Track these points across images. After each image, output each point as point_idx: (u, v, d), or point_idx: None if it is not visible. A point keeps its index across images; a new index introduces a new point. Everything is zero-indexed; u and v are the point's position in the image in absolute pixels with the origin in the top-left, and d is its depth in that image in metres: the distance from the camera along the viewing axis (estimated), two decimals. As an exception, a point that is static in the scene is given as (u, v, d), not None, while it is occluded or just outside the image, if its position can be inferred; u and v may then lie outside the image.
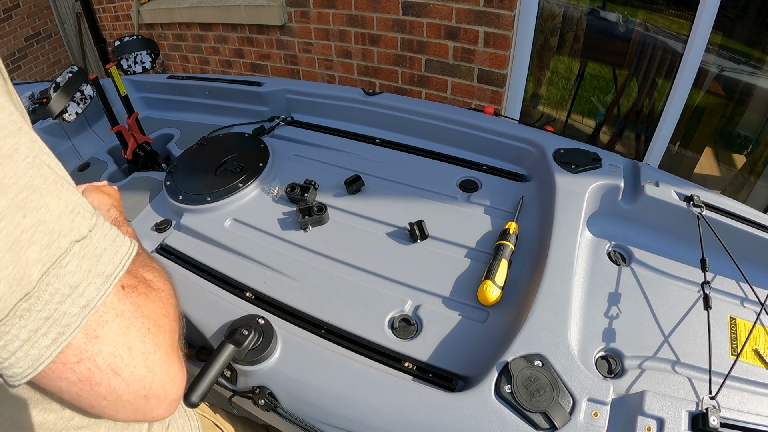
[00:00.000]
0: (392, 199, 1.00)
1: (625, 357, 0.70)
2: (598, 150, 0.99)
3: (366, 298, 0.80)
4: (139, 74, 1.32)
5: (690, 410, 0.57)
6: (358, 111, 1.25)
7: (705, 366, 0.66)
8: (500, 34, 1.92)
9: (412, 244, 0.90)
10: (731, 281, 0.81)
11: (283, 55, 2.77)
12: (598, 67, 2.36)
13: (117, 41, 1.25)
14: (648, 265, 0.84)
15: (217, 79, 1.44)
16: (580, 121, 2.49)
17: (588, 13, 2.18)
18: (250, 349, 0.66)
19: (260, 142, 1.17)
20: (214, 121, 1.40)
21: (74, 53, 4.58)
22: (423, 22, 2.08)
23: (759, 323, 0.73)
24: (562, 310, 0.69)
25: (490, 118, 1.15)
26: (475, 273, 0.83)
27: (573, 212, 0.86)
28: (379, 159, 1.13)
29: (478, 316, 0.76)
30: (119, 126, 1.24)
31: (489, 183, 1.03)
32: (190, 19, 3.04)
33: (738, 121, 2.06)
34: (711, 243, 0.80)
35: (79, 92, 1.10)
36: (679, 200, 0.86)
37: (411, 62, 2.26)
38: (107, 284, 0.35)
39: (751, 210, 0.86)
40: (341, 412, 0.62)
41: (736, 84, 1.94)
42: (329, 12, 2.36)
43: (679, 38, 1.87)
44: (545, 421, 0.57)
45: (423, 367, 0.70)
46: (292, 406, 0.65)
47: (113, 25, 3.77)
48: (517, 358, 0.63)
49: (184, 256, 0.92)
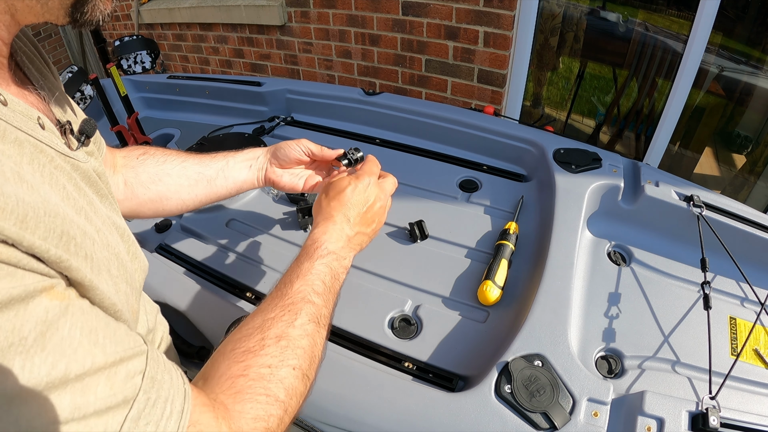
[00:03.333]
0: (392, 199, 1.00)
1: (625, 357, 0.70)
2: (598, 150, 0.99)
3: (366, 298, 0.80)
4: (139, 74, 1.32)
5: (690, 410, 0.57)
6: (358, 111, 1.25)
7: (705, 366, 0.66)
8: (500, 34, 1.92)
9: (412, 244, 0.90)
10: (731, 281, 0.81)
11: (283, 55, 2.77)
12: (598, 67, 2.36)
13: (117, 41, 1.25)
14: (648, 265, 0.84)
15: (217, 79, 1.44)
16: (580, 121, 2.49)
17: (588, 13, 2.18)
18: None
19: (260, 142, 1.17)
20: (214, 121, 1.40)
21: (74, 53, 4.58)
22: (423, 22, 2.08)
23: (759, 323, 0.73)
24: (562, 310, 0.69)
25: (490, 118, 1.15)
26: (475, 273, 0.83)
27: (573, 212, 0.86)
28: (379, 159, 1.12)
29: (478, 316, 0.76)
30: (119, 126, 1.24)
31: (489, 183, 1.03)
32: (190, 19, 3.04)
33: (738, 121, 2.06)
34: (711, 243, 0.80)
35: (79, 92, 1.10)
36: (679, 200, 0.86)
37: (411, 62, 2.26)
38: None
39: (751, 210, 0.86)
40: (341, 412, 0.62)
41: (736, 84, 1.94)
42: (329, 12, 2.36)
43: (679, 38, 1.88)
44: (545, 421, 0.57)
45: (423, 367, 0.70)
46: (292, 406, 0.65)
47: (113, 25, 3.77)
48: (517, 358, 0.63)
49: (184, 256, 0.92)
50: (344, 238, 0.60)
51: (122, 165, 0.69)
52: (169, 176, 0.71)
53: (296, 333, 0.45)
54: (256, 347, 0.42)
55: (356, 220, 0.62)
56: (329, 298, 0.53)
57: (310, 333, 0.47)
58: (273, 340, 0.43)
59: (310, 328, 0.47)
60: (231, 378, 0.39)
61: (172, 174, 0.71)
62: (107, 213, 0.42)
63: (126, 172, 0.69)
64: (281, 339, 0.44)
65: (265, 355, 0.42)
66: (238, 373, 0.40)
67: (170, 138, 1.38)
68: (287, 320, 0.46)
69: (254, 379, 0.39)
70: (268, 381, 0.40)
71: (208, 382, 0.40)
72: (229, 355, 0.42)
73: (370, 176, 0.66)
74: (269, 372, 0.41)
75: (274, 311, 0.47)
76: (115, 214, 0.46)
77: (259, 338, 0.43)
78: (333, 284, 0.55)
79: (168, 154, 0.73)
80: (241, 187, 0.76)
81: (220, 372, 0.40)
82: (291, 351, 0.43)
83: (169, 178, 0.71)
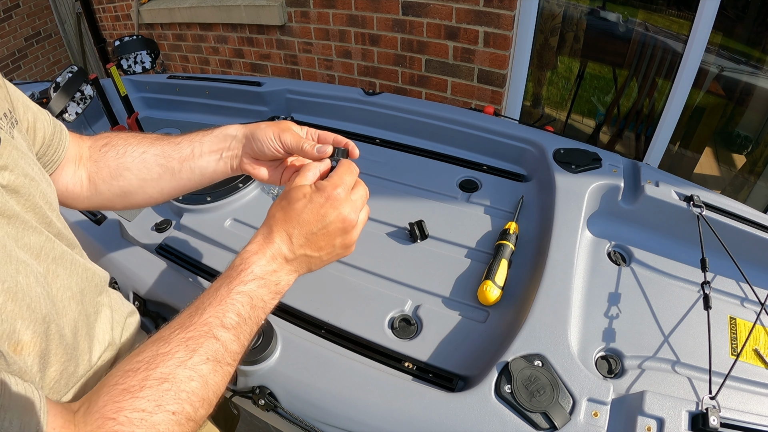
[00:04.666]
0: (392, 199, 1.00)
1: (625, 357, 0.70)
2: (598, 150, 0.99)
3: (366, 298, 0.80)
4: (139, 74, 1.32)
5: (690, 410, 0.57)
6: (358, 111, 1.25)
7: (705, 366, 0.66)
8: (500, 34, 1.92)
9: (412, 244, 0.90)
10: (731, 281, 0.81)
11: (283, 55, 2.77)
12: (598, 67, 2.36)
13: (117, 41, 1.25)
14: (648, 265, 0.84)
15: (217, 79, 1.44)
16: (580, 121, 2.49)
17: (588, 13, 2.18)
18: (250, 348, 0.66)
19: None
20: (214, 121, 1.40)
21: (74, 53, 4.58)
22: (423, 22, 2.08)
23: (759, 323, 0.73)
24: (562, 310, 0.69)
25: (490, 118, 1.15)
26: (475, 273, 0.83)
27: (573, 212, 0.86)
28: (379, 159, 1.13)
29: (478, 316, 0.76)
30: (119, 126, 1.24)
31: (489, 183, 1.03)
32: (190, 19, 3.04)
33: (738, 121, 2.06)
34: (711, 243, 0.80)
35: (79, 92, 1.10)
36: (679, 200, 0.86)
37: (411, 62, 2.26)
38: None
39: (751, 210, 0.86)
40: (341, 412, 0.62)
41: (736, 84, 1.94)
42: (329, 12, 2.36)
43: (679, 38, 1.87)
44: (545, 421, 0.57)
45: (423, 367, 0.70)
46: (293, 406, 0.65)
47: (113, 25, 3.77)
48: (517, 358, 0.63)
49: (183, 256, 0.92)
50: (279, 261, 0.53)
51: (87, 157, 0.65)
52: (130, 171, 0.65)
53: (185, 374, 0.42)
54: (135, 387, 0.40)
55: (301, 241, 0.54)
56: (243, 330, 0.49)
57: (204, 374, 0.44)
58: (156, 381, 0.41)
59: (204, 368, 0.44)
60: (103, 418, 0.38)
61: (132, 168, 0.65)
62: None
63: (90, 165, 0.65)
64: (165, 381, 0.41)
65: (141, 398, 0.40)
66: (109, 414, 0.38)
67: (170, 138, 1.38)
68: (180, 358, 0.43)
69: (123, 423, 0.38)
70: (137, 427, 0.38)
71: (87, 412, 0.39)
72: (110, 389, 0.40)
73: (336, 188, 0.54)
74: (140, 417, 0.39)
75: (170, 344, 0.44)
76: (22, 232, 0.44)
77: (142, 377, 0.41)
78: (253, 314, 0.50)
79: (128, 143, 0.66)
80: (212, 178, 0.68)
81: (97, 406, 0.39)
82: (173, 395, 0.41)
83: (130, 173, 0.65)
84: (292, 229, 0.54)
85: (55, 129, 0.60)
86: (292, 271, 0.55)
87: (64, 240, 0.52)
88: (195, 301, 0.50)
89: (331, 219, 0.54)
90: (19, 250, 0.43)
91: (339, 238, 0.55)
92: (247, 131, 0.65)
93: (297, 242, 0.54)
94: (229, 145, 0.66)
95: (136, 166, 0.65)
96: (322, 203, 0.53)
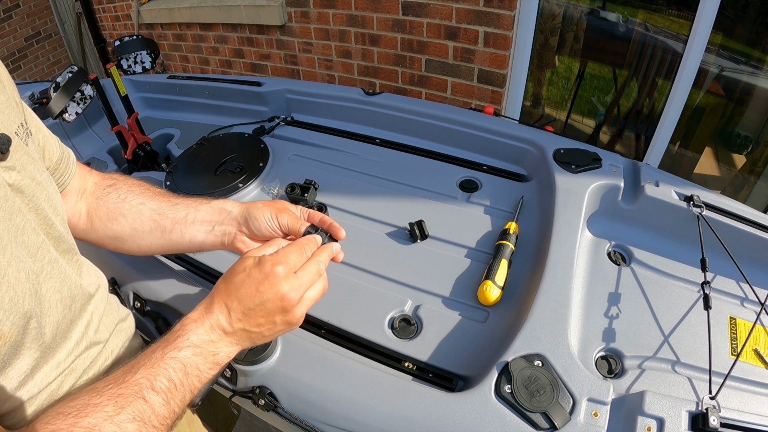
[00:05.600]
0: (392, 199, 1.00)
1: (625, 357, 0.70)
2: (598, 150, 0.99)
3: (366, 298, 0.80)
4: (139, 74, 1.32)
5: (690, 410, 0.57)
6: (358, 111, 1.25)
7: (705, 366, 0.66)
8: (500, 34, 1.92)
9: (412, 244, 0.90)
10: (731, 281, 0.81)
11: (283, 55, 2.77)
12: (598, 67, 2.36)
13: (117, 41, 1.25)
14: (648, 265, 0.84)
15: (217, 79, 1.44)
16: (580, 121, 2.49)
17: (588, 13, 2.18)
18: (250, 349, 0.66)
19: (260, 142, 1.17)
20: (214, 121, 1.40)
21: (74, 53, 4.58)
22: (423, 22, 2.08)
23: (759, 323, 0.73)
24: (562, 310, 0.69)
25: (490, 118, 1.15)
26: (475, 273, 0.83)
27: (573, 212, 0.86)
28: (379, 159, 1.13)
29: (478, 316, 0.76)
30: (119, 126, 1.24)
31: (489, 183, 1.03)
32: (190, 19, 3.04)
33: (738, 121, 2.06)
34: (711, 243, 0.80)
35: (79, 92, 1.10)
36: (679, 200, 0.86)
37: (411, 62, 2.26)
38: None
39: (751, 210, 0.86)
40: (341, 412, 0.62)
41: (736, 84, 1.94)
42: (329, 12, 2.36)
43: (679, 38, 1.87)
44: (545, 421, 0.57)
45: (423, 367, 0.70)
46: (293, 406, 0.65)
47: (113, 25, 3.78)
48: (517, 358, 0.63)
49: (184, 256, 0.92)
50: (218, 332, 0.53)
51: (91, 192, 0.67)
52: (124, 218, 0.66)
53: (110, 429, 0.43)
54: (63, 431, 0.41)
55: (239, 315, 0.52)
56: (174, 396, 0.48)
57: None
58: (82, 430, 0.42)
59: (130, 427, 0.44)
60: None
61: (127, 216, 0.66)
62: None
63: (91, 201, 0.67)
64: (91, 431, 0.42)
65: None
66: None
67: (170, 138, 1.38)
68: (108, 413, 0.44)
69: None
70: None
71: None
72: (42, 426, 0.41)
73: (276, 266, 0.52)
74: None
75: (101, 396, 0.45)
76: (22, 230, 0.45)
77: (71, 422, 0.42)
78: (186, 381, 0.49)
79: (131, 191, 0.68)
80: (201, 247, 0.68)
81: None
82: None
83: (124, 219, 0.66)
84: (231, 302, 0.53)
85: (62, 155, 0.63)
86: (233, 344, 0.54)
87: (65, 244, 0.53)
88: (134, 358, 0.50)
89: (268, 297, 0.52)
90: (17, 246, 0.43)
91: (278, 315, 0.54)
92: (243, 209, 0.66)
93: (235, 316, 0.53)
94: (223, 219, 0.67)
95: (132, 215, 0.66)
96: (261, 280, 0.52)
